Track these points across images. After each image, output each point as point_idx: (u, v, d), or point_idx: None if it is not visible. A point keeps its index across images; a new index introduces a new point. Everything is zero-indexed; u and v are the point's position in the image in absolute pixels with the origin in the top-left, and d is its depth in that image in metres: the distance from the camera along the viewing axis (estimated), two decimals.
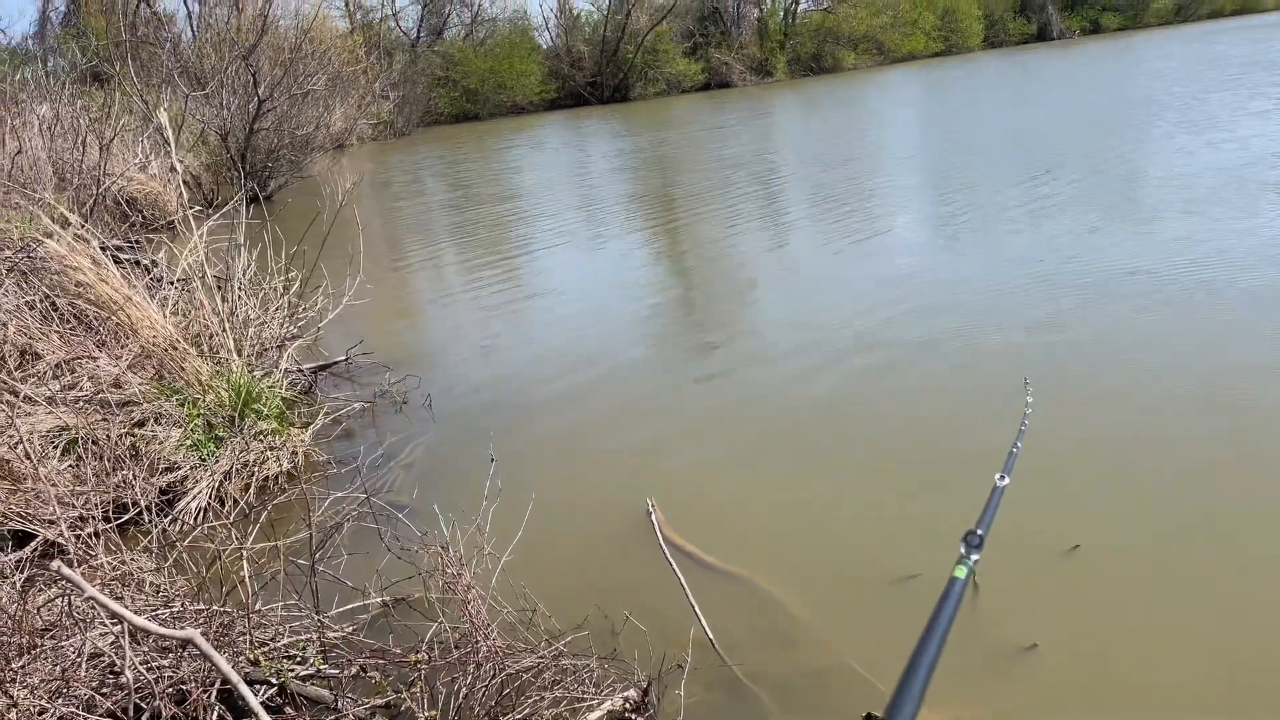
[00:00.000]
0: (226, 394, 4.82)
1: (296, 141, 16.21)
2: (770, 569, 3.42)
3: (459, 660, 2.79)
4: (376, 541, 3.45)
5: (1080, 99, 20.48)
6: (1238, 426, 4.13)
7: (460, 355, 6.65)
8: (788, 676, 2.88)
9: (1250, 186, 8.77)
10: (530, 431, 5.05)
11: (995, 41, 55.37)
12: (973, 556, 1.25)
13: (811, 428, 4.70)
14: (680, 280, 8.43)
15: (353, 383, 6.13)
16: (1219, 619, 2.96)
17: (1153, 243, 7.31)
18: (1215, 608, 3.01)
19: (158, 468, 4.40)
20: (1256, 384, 4.51)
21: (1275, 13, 57.26)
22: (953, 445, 4.30)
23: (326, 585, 3.23)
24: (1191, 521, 3.45)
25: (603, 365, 5.99)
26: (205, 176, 15.49)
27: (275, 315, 6.12)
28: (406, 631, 3.10)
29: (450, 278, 9.65)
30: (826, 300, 6.89)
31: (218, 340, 5.43)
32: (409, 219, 14.17)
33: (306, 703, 2.77)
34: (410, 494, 4.34)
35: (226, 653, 2.81)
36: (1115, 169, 10.90)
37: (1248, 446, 3.95)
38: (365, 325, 7.31)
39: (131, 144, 13.61)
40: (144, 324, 5.17)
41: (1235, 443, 4.00)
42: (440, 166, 21.93)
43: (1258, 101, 15.29)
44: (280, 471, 4.58)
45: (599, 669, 2.79)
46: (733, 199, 12.14)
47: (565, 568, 3.59)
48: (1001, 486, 1.46)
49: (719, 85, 43.55)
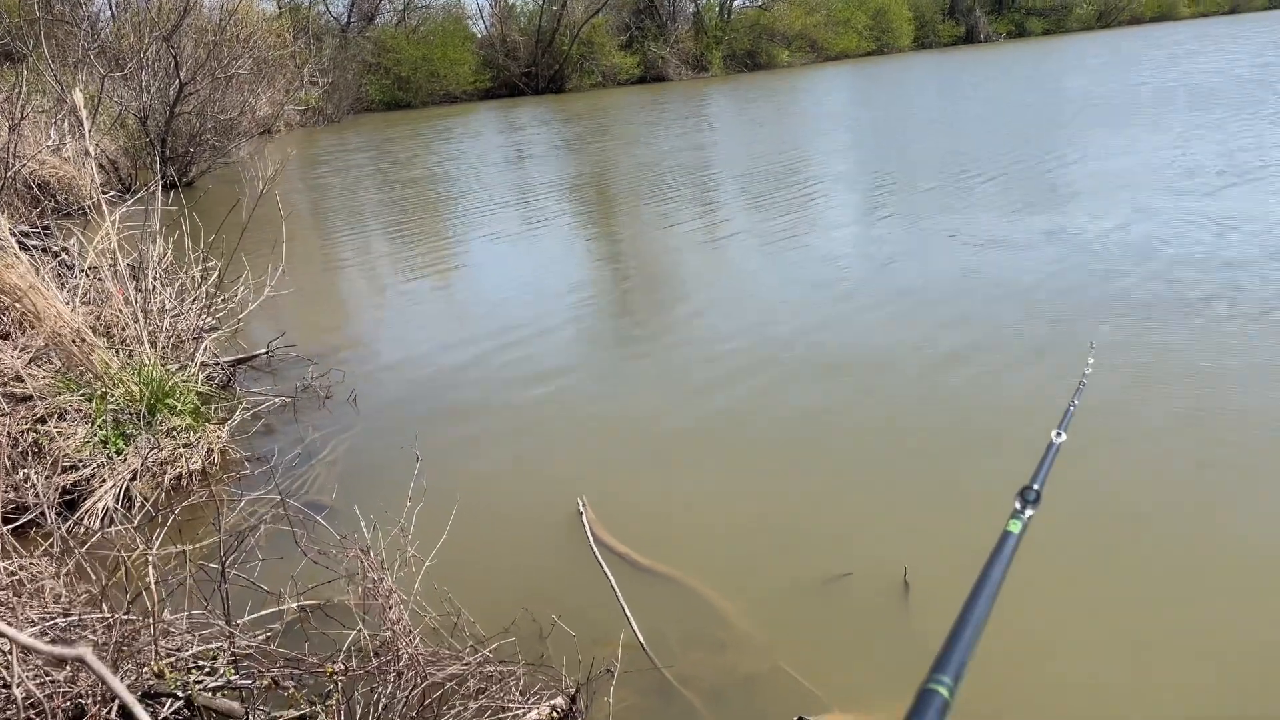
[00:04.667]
0: (137, 388, 4.60)
1: (220, 126, 15.73)
2: (702, 569, 3.36)
3: (379, 669, 2.67)
4: (293, 545, 3.29)
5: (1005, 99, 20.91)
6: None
7: (386, 349, 6.48)
8: (720, 680, 2.82)
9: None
10: (457, 429, 4.92)
11: (925, 42, 56.26)
12: (1027, 512, 1.20)
13: (746, 427, 4.65)
14: (612, 273, 8.34)
15: (274, 376, 5.92)
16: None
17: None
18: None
19: (60, 466, 4.17)
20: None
21: (1182, 22, 58.96)
22: (889, 445, 4.30)
23: (239, 591, 3.08)
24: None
25: (534, 361, 5.87)
26: (123, 161, 14.92)
27: (192, 306, 5.88)
28: (324, 640, 2.96)
29: (378, 269, 9.42)
30: (760, 296, 6.86)
31: (129, 331, 5.19)
32: (336, 208, 13.84)
33: (216, 716, 2.63)
34: (331, 494, 4.18)
35: (129, 664, 2.65)
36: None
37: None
38: (288, 317, 7.09)
39: (44, 126, 13.06)
40: (49, 313, 4.91)
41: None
42: (370, 155, 21.49)
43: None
44: (193, 470, 4.38)
45: (526, 676, 2.69)
46: (666, 190, 12.09)
47: (491, 570, 3.48)
48: (1058, 443, 1.42)
49: (654, 79, 43.49)
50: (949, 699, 0.89)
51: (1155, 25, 58.13)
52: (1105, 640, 2.86)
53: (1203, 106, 15.38)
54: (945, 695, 0.89)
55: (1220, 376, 4.61)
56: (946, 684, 0.90)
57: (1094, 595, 3.10)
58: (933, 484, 3.86)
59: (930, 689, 0.90)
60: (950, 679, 0.91)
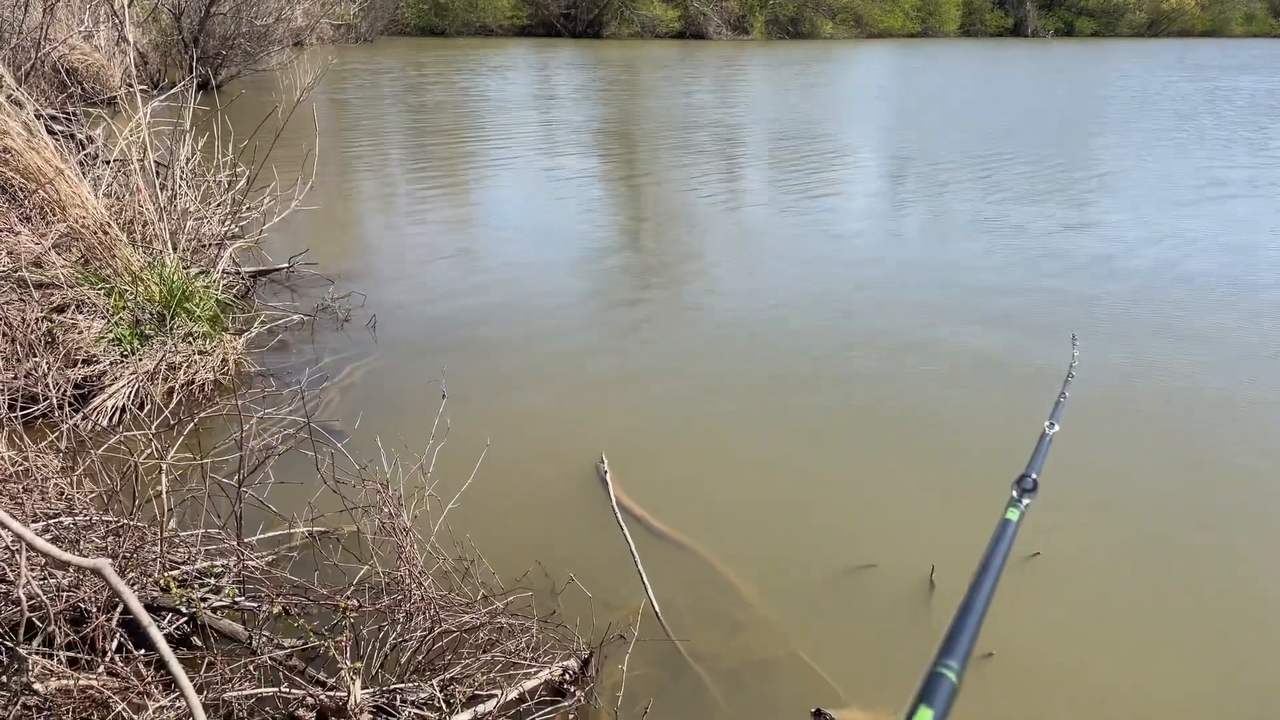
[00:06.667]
0: (158, 289, 4.49)
1: (254, 31, 15.43)
2: (723, 543, 3.27)
3: (388, 608, 2.59)
4: (306, 467, 3.19)
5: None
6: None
7: (408, 279, 6.35)
8: (734, 661, 2.74)
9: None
10: (480, 369, 4.81)
11: (971, 30, 55.44)
12: (1024, 500, 1.28)
13: (786, 399, 4.53)
14: (641, 226, 8.17)
15: (293, 293, 5.80)
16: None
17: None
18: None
19: (74, 359, 4.07)
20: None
21: (1232, 40, 58.07)
22: (925, 436, 4.19)
23: (249, 510, 2.98)
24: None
25: (562, 311, 5.75)
26: (153, 56, 14.66)
27: (216, 211, 5.74)
28: (332, 571, 2.88)
29: (400, 197, 9.24)
30: (801, 262, 6.73)
31: (152, 230, 5.06)
32: (362, 128, 13.61)
33: (217, 636, 2.55)
34: (346, 420, 4.08)
35: (134, 574, 2.57)
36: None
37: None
38: (311, 234, 6.96)
39: (78, 10, 12.78)
40: (74, 202, 4.78)
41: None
42: (401, 78, 21.16)
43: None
44: (209, 381, 4.28)
45: (538, 633, 2.61)
46: (692, 150, 11.89)
47: (509, 520, 3.39)
48: (1051, 434, 1.53)
49: (694, 35, 42.86)
50: (956, 683, 0.90)
51: (1207, 40, 57.22)
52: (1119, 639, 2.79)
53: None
54: (953, 679, 0.91)
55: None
56: (954, 668, 0.92)
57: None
58: (965, 479, 3.77)
59: (938, 673, 0.91)
60: (957, 663, 0.93)
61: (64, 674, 2.15)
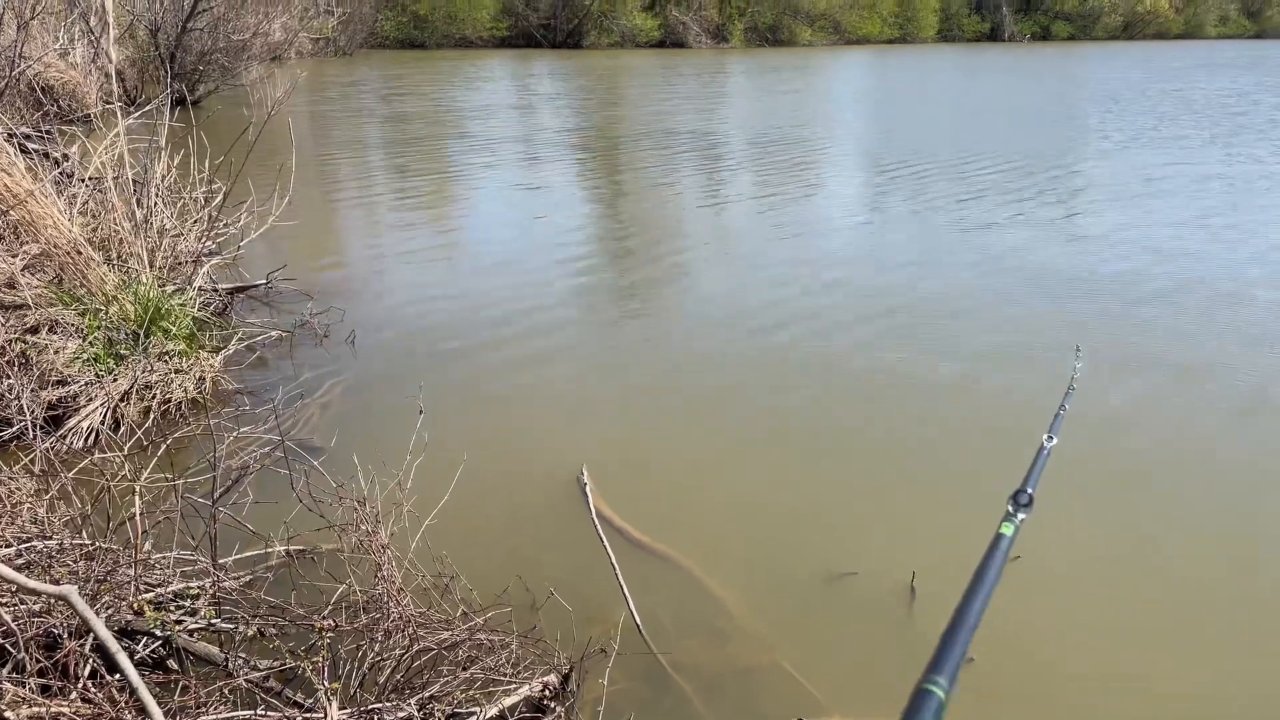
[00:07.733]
0: (133, 307, 4.45)
1: (231, 47, 15.38)
2: (704, 553, 3.26)
3: (366, 627, 2.57)
4: (283, 486, 3.16)
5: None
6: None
7: (386, 293, 6.32)
8: (716, 671, 2.72)
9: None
10: (459, 382, 4.79)
11: (949, 35, 55.82)
12: (1020, 515, 1.25)
13: (766, 409, 4.53)
14: (618, 232, 8.16)
15: (272, 309, 5.76)
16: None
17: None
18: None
19: (48, 380, 4.03)
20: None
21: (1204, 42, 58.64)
22: (906, 444, 4.19)
23: (226, 530, 2.96)
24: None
25: (538, 320, 5.74)
26: (130, 72, 14.58)
27: (193, 228, 5.71)
28: (310, 590, 2.85)
29: (380, 210, 9.18)
30: (777, 267, 6.73)
31: (128, 248, 5.02)
32: (339, 141, 13.57)
33: (193, 659, 2.52)
34: (324, 437, 4.05)
35: (108, 597, 2.54)
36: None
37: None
38: (289, 250, 6.93)
39: (53, 28, 12.71)
40: (46, 222, 4.73)
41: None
42: (380, 91, 21.13)
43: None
44: (185, 399, 4.24)
45: (518, 649, 2.59)
46: (672, 157, 11.91)
47: (485, 533, 3.36)
48: (1049, 447, 1.50)
49: (673, 44, 43.00)
50: (944, 699, 0.89)
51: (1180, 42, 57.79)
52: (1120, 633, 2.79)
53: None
54: (940, 695, 0.90)
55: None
56: (942, 685, 0.91)
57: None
58: (947, 486, 3.77)
59: (926, 689, 0.91)
60: (945, 680, 0.92)
61: (35, 701, 2.12)
